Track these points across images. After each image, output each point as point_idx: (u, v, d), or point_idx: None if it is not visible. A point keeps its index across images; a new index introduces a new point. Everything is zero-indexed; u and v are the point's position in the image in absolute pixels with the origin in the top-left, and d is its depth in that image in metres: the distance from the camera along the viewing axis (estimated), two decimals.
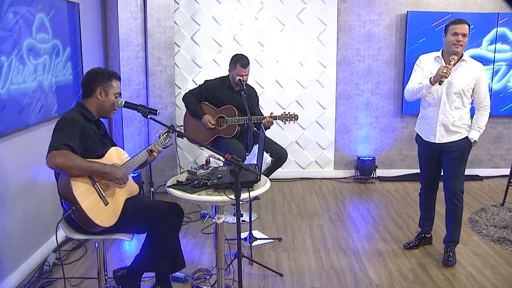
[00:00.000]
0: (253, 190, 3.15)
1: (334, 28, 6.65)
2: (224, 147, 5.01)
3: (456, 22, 3.95)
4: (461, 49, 3.94)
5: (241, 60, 4.96)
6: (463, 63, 4.02)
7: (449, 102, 4.05)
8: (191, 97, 5.16)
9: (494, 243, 4.67)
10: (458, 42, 3.90)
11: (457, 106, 4.05)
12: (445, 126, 4.09)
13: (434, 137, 4.16)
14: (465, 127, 4.11)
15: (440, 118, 4.09)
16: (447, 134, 4.11)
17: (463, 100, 4.05)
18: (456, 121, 4.06)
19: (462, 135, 4.10)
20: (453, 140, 4.11)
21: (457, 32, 3.91)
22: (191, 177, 3.45)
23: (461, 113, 4.07)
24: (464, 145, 4.11)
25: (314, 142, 6.91)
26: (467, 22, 3.95)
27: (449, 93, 4.03)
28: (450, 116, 4.06)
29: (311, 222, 5.23)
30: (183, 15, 6.50)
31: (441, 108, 4.08)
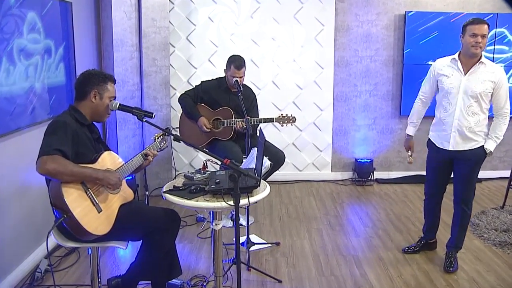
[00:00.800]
0: (252, 196, 3.05)
1: (332, 29, 6.56)
2: (220, 150, 4.91)
3: (475, 22, 3.74)
4: (480, 51, 3.74)
5: (236, 61, 4.85)
6: (481, 66, 3.81)
7: (465, 107, 3.83)
8: (187, 99, 5.05)
9: (496, 247, 4.59)
10: (477, 43, 3.70)
11: (474, 111, 3.83)
12: (461, 132, 3.88)
13: (448, 144, 3.96)
14: (482, 135, 3.92)
15: (455, 123, 3.88)
16: (463, 142, 3.91)
17: (481, 105, 3.82)
18: (473, 127, 3.85)
19: (478, 144, 3.90)
20: (469, 149, 3.91)
21: (476, 33, 3.70)
22: (188, 182, 3.34)
23: (479, 119, 3.85)
24: (479, 154, 3.93)
25: (311, 144, 6.82)
26: (486, 22, 3.74)
27: (466, 98, 3.82)
28: (466, 122, 3.84)
29: (309, 226, 5.13)
30: (178, 15, 6.39)
31: (457, 114, 3.86)
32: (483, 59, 3.81)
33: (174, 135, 3.06)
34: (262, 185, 3.25)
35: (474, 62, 3.81)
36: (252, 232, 4.85)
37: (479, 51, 3.74)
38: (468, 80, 3.81)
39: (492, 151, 3.93)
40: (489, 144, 3.91)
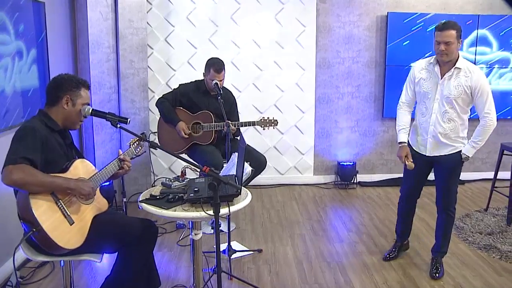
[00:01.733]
0: (233, 204, 2.92)
1: (313, 30, 6.46)
2: (200, 155, 4.78)
3: (438, 28, 3.64)
4: (446, 57, 3.63)
5: (215, 64, 4.72)
6: (456, 71, 3.69)
7: (441, 113, 3.75)
8: (165, 102, 4.91)
9: (481, 251, 4.53)
10: (441, 51, 3.61)
11: (451, 117, 3.75)
12: (436, 138, 3.81)
13: (424, 148, 3.91)
14: (460, 140, 3.83)
15: (431, 129, 3.82)
16: (438, 147, 3.84)
17: (457, 110, 3.73)
18: (449, 134, 3.77)
19: (454, 149, 3.83)
20: (444, 154, 3.85)
21: (438, 40, 3.62)
22: (165, 190, 3.19)
23: (455, 125, 3.77)
24: (456, 160, 3.85)
25: (293, 147, 6.71)
26: (452, 26, 3.59)
27: (441, 103, 3.74)
28: (441, 128, 3.77)
29: (292, 232, 5.02)
30: (156, 16, 6.23)
31: (433, 119, 3.79)
32: (459, 64, 3.69)
33: (150, 141, 2.90)
34: (243, 192, 3.12)
35: (450, 66, 3.71)
36: (234, 239, 4.72)
37: (446, 58, 3.64)
38: (443, 85, 3.73)
39: (469, 157, 3.84)
40: (467, 149, 3.82)
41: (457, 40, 3.61)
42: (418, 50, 6.28)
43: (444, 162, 3.87)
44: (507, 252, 4.47)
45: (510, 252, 4.48)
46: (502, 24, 6.54)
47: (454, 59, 3.67)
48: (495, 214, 5.50)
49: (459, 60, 3.69)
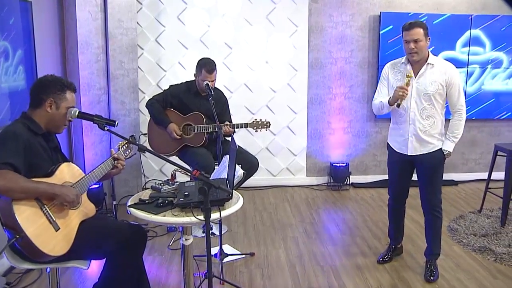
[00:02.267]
0: (224, 209, 2.84)
1: (305, 30, 6.40)
2: (192, 157, 4.70)
3: (405, 28, 3.68)
4: (417, 56, 3.66)
5: (207, 65, 4.64)
6: (429, 67, 3.72)
7: (419, 111, 3.76)
8: (155, 104, 4.82)
9: (476, 253, 4.48)
10: (411, 50, 3.64)
11: (429, 114, 3.76)
12: (417, 136, 3.80)
13: (406, 149, 3.88)
14: (438, 137, 3.83)
15: (411, 128, 3.81)
16: (420, 146, 3.83)
17: (435, 106, 3.74)
18: (429, 130, 3.78)
19: (435, 147, 3.83)
20: (427, 152, 3.84)
21: (407, 40, 3.65)
22: (155, 194, 3.11)
23: (434, 121, 3.77)
24: (438, 157, 3.85)
25: (285, 149, 6.65)
26: (419, 25, 3.64)
27: (419, 101, 3.75)
28: (421, 125, 3.77)
29: (284, 235, 4.95)
30: (146, 16, 6.15)
31: (412, 118, 3.79)
32: (431, 60, 3.73)
33: (139, 145, 2.82)
34: (234, 196, 3.05)
35: (422, 63, 3.73)
36: (225, 242, 4.65)
37: (416, 57, 3.67)
38: (418, 83, 3.73)
39: (451, 152, 3.84)
40: (446, 145, 3.83)
41: (425, 38, 3.66)
42: None
43: (426, 162, 3.85)
44: (502, 254, 4.42)
45: (505, 254, 4.43)
46: (495, 24, 6.50)
47: (424, 57, 3.71)
48: (489, 216, 5.46)
49: (430, 57, 3.73)
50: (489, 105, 6.75)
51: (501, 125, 6.97)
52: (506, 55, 6.63)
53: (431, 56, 3.75)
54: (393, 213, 4.28)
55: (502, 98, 6.76)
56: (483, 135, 6.99)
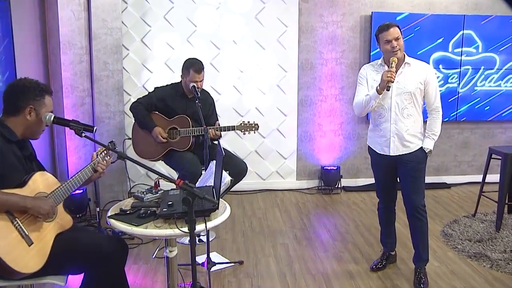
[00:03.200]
0: (210, 220, 2.68)
1: (295, 30, 6.25)
2: (178, 162, 4.55)
3: (384, 29, 3.67)
4: (400, 53, 3.67)
5: (195, 65, 4.49)
6: (406, 66, 3.74)
7: (400, 110, 3.74)
8: (140, 107, 4.64)
9: (471, 260, 4.36)
10: (393, 48, 3.63)
11: (410, 113, 3.75)
12: (400, 136, 3.77)
13: (388, 149, 3.83)
14: (419, 136, 3.82)
15: (392, 128, 3.77)
16: (402, 146, 3.79)
17: (415, 105, 3.75)
18: (410, 129, 3.76)
19: (416, 146, 3.80)
20: (408, 152, 3.80)
21: (389, 39, 3.64)
22: (137, 203, 2.95)
23: (414, 120, 3.77)
24: (420, 156, 3.81)
25: (275, 152, 6.49)
26: (395, 24, 3.68)
27: (400, 100, 3.73)
28: (403, 125, 3.75)
29: (274, 242, 4.80)
30: (132, 15, 5.97)
31: (393, 118, 3.76)
32: (407, 59, 3.76)
33: (118, 152, 2.65)
34: (221, 205, 2.89)
35: (400, 64, 3.73)
36: (213, 250, 4.50)
37: (400, 54, 3.68)
38: (398, 83, 3.71)
39: (432, 150, 3.83)
40: (427, 143, 3.81)
41: (402, 37, 3.70)
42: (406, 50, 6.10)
43: (408, 162, 3.81)
44: (498, 261, 4.31)
45: (501, 260, 4.32)
46: (488, 25, 6.40)
47: (402, 56, 3.73)
48: (483, 220, 5.35)
49: (406, 57, 3.77)
50: (482, 106, 6.65)
51: (494, 127, 6.88)
52: (499, 56, 6.53)
53: (407, 56, 3.78)
54: (383, 217, 4.21)
55: (495, 100, 6.65)
56: (476, 137, 6.88)
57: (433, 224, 5.05)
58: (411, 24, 6.20)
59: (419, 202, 3.85)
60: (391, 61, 3.61)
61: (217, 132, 4.51)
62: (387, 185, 4.06)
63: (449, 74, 6.46)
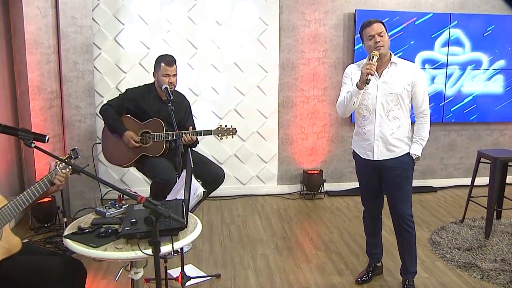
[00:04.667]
0: (178, 239, 2.40)
1: (276, 28, 5.99)
2: (150, 169, 4.27)
3: (366, 25, 3.51)
4: (383, 49, 3.45)
5: (166, 57, 4.27)
6: (392, 66, 3.53)
7: (385, 112, 3.52)
8: (110, 110, 4.36)
9: (461, 270, 4.16)
10: (376, 44, 3.43)
11: (396, 116, 3.53)
12: (384, 140, 3.55)
13: (372, 153, 3.61)
14: (406, 140, 3.61)
15: (377, 131, 3.56)
16: (387, 150, 3.58)
17: (402, 107, 3.53)
18: (396, 133, 3.54)
19: (402, 151, 3.59)
20: (394, 157, 3.58)
21: (372, 34, 3.45)
22: (98, 220, 2.65)
23: (400, 123, 3.55)
24: (406, 162, 3.60)
25: (255, 155, 6.23)
26: (378, 20, 3.50)
27: (385, 102, 3.51)
28: (388, 128, 3.54)
29: (254, 252, 4.53)
30: (104, 13, 5.66)
31: (378, 120, 3.54)
32: (394, 59, 3.56)
33: (73, 165, 2.36)
34: (191, 222, 2.61)
35: (385, 63, 3.54)
36: (189, 262, 4.23)
37: (384, 50, 3.46)
38: (384, 83, 3.51)
39: (420, 156, 3.61)
40: (414, 148, 3.60)
41: (386, 34, 3.51)
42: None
43: (394, 168, 3.59)
44: (489, 271, 4.12)
45: (492, 270, 4.13)
46: (475, 24, 6.21)
47: (388, 55, 3.53)
48: (472, 226, 5.16)
49: (392, 56, 3.57)
50: (468, 108, 6.45)
51: (480, 129, 6.70)
52: (486, 56, 6.34)
53: (394, 56, 3.58)
54: (369, 227, 3.99)
55: (482, 101, 6.46)
56: (462, 139, 6.70)
57: (420, 231, 4.84)
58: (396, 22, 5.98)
59: (406, 211, 3.63)
60: (373, 54, 3.38)
61: (192, 137, 4.24)
62: (373, 192, 3.83)
63: (435, 74, 6.25)
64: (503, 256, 4.41)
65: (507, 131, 6.81)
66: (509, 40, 6.35)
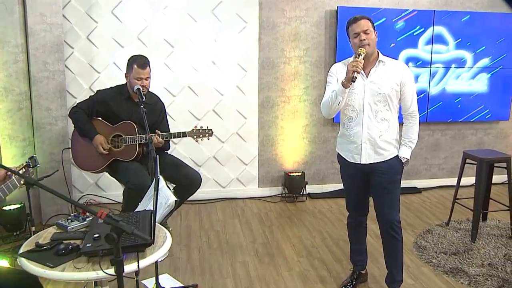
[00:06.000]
0: (144, 256, 2.19)
1: (255, 26, 5.79)
2: (122, 173, 4.07)
3: (352, 21, 3.35)
4: (369, 48, 3.29)
5: (139, 59, 4.05)
6: (380, 65, 3.38)
7: (373, 113, 3.36)
8: (79, 112, 4.14)
9: (448, 276, 4.02)
10: (362, 41, 3.27)
11: (384, 117, 3.37)
12: (372, 142, 3.39)
13: (359, 157, 3.44)
14: (394, 143, 3.45)
15: (364, 133, 3.39)
16: (375, 153, 3.41)
17: (390, 108, 3.38)
18: (384, 135, 3.38)
19: (391, 154, 3.43)
20: (382, 160, 3.42)
21: (357, 32, 3.30)
22: (59, 235, 2.44)
23: (389, 125, 3.39)
24: (395, 166, 3.44)
25: (235, 157, 6.03)
26: (364, 17, 3.34)
27: (373, 102, 3.35)
28: (376, 130, 3.38)
29: (233, 259, 4.34)
30: (76, 10, 5.41)
31: (365, 122, 3.38)
32: (381, 57, 3.41)
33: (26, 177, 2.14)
34: (160, 235, 2.40)
35: (373, 62, 3.39)
36: (164, 271, 4.02)
37: (370, 48, 3.30)
38: (371, 83, 3.35)
39: (409, 159, 3.46)
40: (403, 151, 3.45)
41: (374, 31, 3.36)
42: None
43: (383, 173, 3.43)
44: (476, 276, 3.99)
45: (479, 276, 4.01)
46: (458, 21, 6.08)
47: (375, 53, 3.39)
48: (458, 229, 5.04)
49: (380, 55, 3.42)
50: (453, 107, 6.32)
51: (465, 128, 6.59)
52: (470, 54, 6.22)
53: (381, 54, 3.43)
54: (354, 234, 3.83)
55: (466, 100, 6.34)
56: (446, 139, 6.57)
57: (405, 234, 4.64)
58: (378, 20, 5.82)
59: (394, 217, 3.47)
60: (359, 51, 3.21)
61: (160, 140, 4.04)
62: (359, 197, 3.66)
63: (419, 73, 6.11)
64: (490, 260, 4.29)
65: (491, 130, 6.70)
66: (493, 37, 6.23)
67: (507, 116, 6.57)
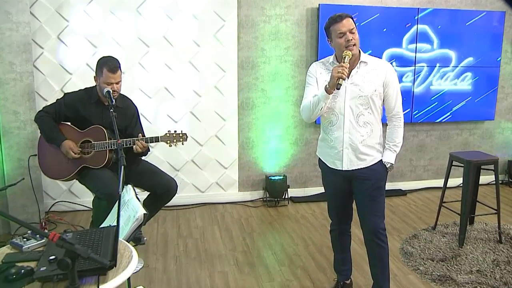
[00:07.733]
0: (106, 280, 1.96)
1: (234, 24, 5.58)
2: (92, 182, 3.84)
3: (337, 20, 3.12)
4: (355, 48, 3.11)
5: (109, 62, 3.79)
6: (362, 66, 3.19)
7: (355, 117, 3.18)
8: (46, 117, 3.89)
9: (436, 284, 3.88)
10: (349, 42, 3.08)
11: (366, 120, 3.19)
12: (354, 148, 3.21)
13: (340, 163, 3.26)
14: (378, 147, 3.28)
15: (345, 138, 3.20)
16: (357, 159, 3.23)
17: (373, 111, 3.20)
18: (367, 140, 3.21)
19: (374, 159, 3.26)
20: (365, 166, 3.25)
21: (343, 31, 3.08)
22: (11, 256, 2.19)
23: (372, 129, 3.22)
24: (379, 171, 3.28)
25: (214, 161, 5.82)
26: (349, 15, 3.13)
27: (354, 105, 3.16)
28: (358, 134, 3.20)
29: (212, 269, 4.13)
30: (45, 8, 5.16)
31: (347, 126, 3.19)
32: (363, 57, 3.21)
33: None
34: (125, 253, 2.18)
35: (354, 63, 3.19)
36: (139, 284, 3.79)
37: (355, 49, 3.13)
38: (353, 85, 3.17)
39: (393, 164, 3.30)
40: (387, 156, 3.29)
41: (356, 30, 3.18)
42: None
43: (366, 179, 3.26)
44: (465, 284, 3.86)
45: (468, 283, 3.87)
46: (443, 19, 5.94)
47: (356, 54, 3.17)
48: (445, 233, 4.89)
49: (362, 54, 3.23)
50: (437, 107, 6.18)
51: (450, 128, 6.45)
52: (455, 53, 6.07)
53: (363, 53, 3.24)
54: (337, 242, 3.64)
55: (451, 99, 6.20)
56: (431, 139, 6.43)
57: (391, 240, 4.51)
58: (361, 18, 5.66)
59: (379, 225, 3.29)
60: (344, 54, 3.01)
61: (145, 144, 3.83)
62: (342, 205, 3.47)
63: (403, 72, 5.95)
64: (479, 266, 4.15)
65: (477, 130, 6.58)
66: (477, 36, 6.10)
67: (493, 116, 6.45)
